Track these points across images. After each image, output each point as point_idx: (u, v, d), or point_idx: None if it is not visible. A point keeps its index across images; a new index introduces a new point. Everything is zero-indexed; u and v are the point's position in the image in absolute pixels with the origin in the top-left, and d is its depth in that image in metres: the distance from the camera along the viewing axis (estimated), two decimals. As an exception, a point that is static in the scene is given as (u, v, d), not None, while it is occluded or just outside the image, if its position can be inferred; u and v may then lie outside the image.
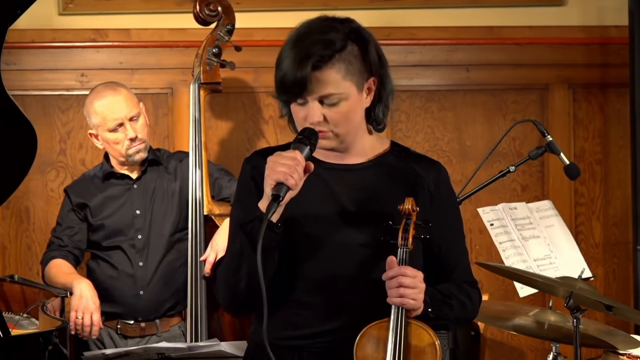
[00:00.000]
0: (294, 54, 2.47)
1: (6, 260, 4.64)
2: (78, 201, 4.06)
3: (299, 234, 2.49)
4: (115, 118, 3.96)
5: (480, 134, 4.79)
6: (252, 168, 2.58)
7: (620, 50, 4.71)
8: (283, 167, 2.37)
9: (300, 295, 2.51)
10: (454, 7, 4.76)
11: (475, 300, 2.64)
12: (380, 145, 2.62)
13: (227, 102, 4.68)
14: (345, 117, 2.49)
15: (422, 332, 2.43)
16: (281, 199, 2.35)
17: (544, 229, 3.99)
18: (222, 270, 2.53)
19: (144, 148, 4.02)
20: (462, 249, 2.67)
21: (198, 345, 3.41)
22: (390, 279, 2.41)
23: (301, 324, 2.50)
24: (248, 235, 2.40)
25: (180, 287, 4.03)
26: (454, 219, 2.65)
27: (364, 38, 2.56)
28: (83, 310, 3.79)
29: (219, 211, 4.04)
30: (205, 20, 4.19)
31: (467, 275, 2.65)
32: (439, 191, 2.59)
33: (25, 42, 4.57)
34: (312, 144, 2.45)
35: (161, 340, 3.87)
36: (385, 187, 2.55)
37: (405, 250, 2.43)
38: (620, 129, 4.81)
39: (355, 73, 2.50)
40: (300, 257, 2.50)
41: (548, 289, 3.55)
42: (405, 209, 2.44)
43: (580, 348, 3.32)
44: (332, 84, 2.46)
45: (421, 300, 2.43)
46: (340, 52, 2.48)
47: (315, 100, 2.47)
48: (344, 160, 2.58)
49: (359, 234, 2.50)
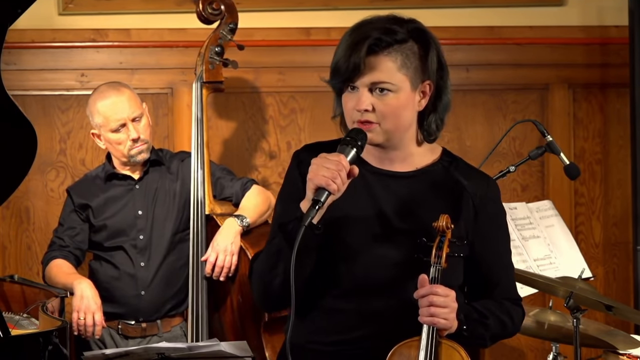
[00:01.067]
0: (351, 39, 2.43)
1: (6, 260, 4.64)
2: (80, 202, 4.06)
3: (336, 238, 2.45)
4: (117, 119, 3.96)
5: (480, 134, 4.79)
6: (300, 163, 2.52)
7: (620, 50, 4.71)
8: (326, 172, 2.31)
9: (332, 301, 2.48)
10: (454, 7, 4.76)
11: (517, 318, 2.59)
12: (430, 154, 2.56)
13: (227, 102, 4.68)
14: (394, 111, 2.43)
15: (454, 352, 2.39)
16: (321, 204, 2.31)
17: (544, 229, 3.99)
18: (258, 265, 2.50)
19: (146, 149, 4.02)
20: (506, 265, 2.60)
21: (198, 345, 3.41)
22: (422, 297, 2.37)
23: (330, 330, 2.48)
24: (287, 236, 2.37)
25: (181, 287, 4.03)
26: (499, 235, 2.58)
27: (427, 39, 2.51)
28: (85, 310, 3.79)
29: (221, 211, 4.04)
30: (208, 19, 4.18)
31: (509, 292, 2.60)
32: (484, 207, 2.52)
33: (25, 42, 4.57)
34: (360, 146, 2.39)
35: (162, 341, 3.86)
36: (428, 199, 2.49)
37: (438, 269, 2.38)
38: (620, 129, 4.81)
39: (412, 69, 2.44)
40: (335, 262, 2.46)
41: (548, 289, 3.55)
42: (440, 226, 2.39)
43: (580, 348, 3.32)
44: (385, 72, 2.41)
45: (453, 319, 2.38)
46: (400, 44, 2.43)
47: (366, 88, 2.42)
48: (391, 167, 2.52)
49: (395, 247, 2.45)
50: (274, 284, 2.43)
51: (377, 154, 2.52)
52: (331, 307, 2.48)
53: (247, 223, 3.93)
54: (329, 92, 2.66)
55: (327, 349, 2.48)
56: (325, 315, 2.49)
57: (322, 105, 4.60)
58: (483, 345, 2.54)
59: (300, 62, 4.69)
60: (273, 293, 2.45)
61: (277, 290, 2.43)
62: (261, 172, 4.70)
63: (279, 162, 4.71)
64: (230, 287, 3.97)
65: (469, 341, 2.45)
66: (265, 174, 4.69)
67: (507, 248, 2.61)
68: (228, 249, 3.89)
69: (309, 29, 4.65)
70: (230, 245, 3.90)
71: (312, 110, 4.72)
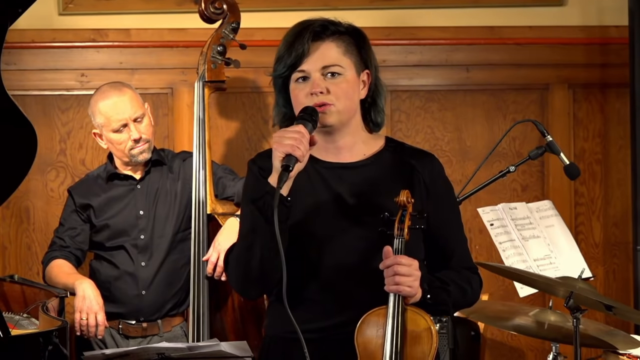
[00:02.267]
0: (293, 32, 2.62)
1: (6, 260, 4.64)
2: (81, 202, 4.06)
3: (303, 232, 2.57)
4: (119, 119, 3.96)
5: (480, 134, 4.79)
6: (259, 169, 2.64)
7: (620, 50, 4.71)
8: (290, 140, 2.46)
9: (308, 291, 2.59)
10: (454, 7, 4.76)
11: (476, 285, 2.73)
12: (375, 143, 2.72)
13: (227, 102, 4.68)
14: (346, 92, 2.60)
15: (419, 317, 2.53)
16: (291, 169, 2.44)
17: (544, 229, 3.98)
18: (233, 254, 2.62)
19: (147, 149, 4.02)
20: (461, 236, 2.75)
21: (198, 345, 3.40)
22: (387, 267, 2.50)
23: (310, 319, 2.56)
24: (260, 210, 2.49)
25: (182, 287, 4.02)
26: (451, 208, 2.74)
27: (363, 35, 2.69)
28: (87, 310, 3.79)
29: (222, 210, 4.03)
30: (210, 18, 4.18)
31: (467, 262, 2.74)
32: (434, 183, 2.69)
33: (25, 42, 4.57)
34: (314, 121, 2.54)
35: (163, 341, 3.86)
36: (383, 182, 2.64)
37: (401, 240, 2.52)
38: (620, 129, 4.81)
39: (354, 56, 2.63)
40: (306, 254, 2.57)
41: (548, 289, 3.55)
42: (401, 200, 2.53)
43: (580, 348, 3.32)
44: (334, 57, 2.60)
45: (417, 287, 2.52)
46: (340, 35, 2.64)
47: (318, 72, 2.58)
48: (342, 158, 2.66)
49: (359, 229, 2.59)
50: (252, 265, 2.54)
51: (325, 145, 2.66)
52: (309, 296, 2.59)
53: (248, 223, 3.93)
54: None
55: (310, 337, 2.53)
56: (303, 305, 2.58)
57: (322, 105, 4.60)
58: (446, 312, 2.69)
59: (300, 62, 4.68)
60: (253, 274, 2.56)
61: (256, 271, 2.54)
62: (261, 172, 4.69)
63: (279, 162, 4.71)
64: (232, 287, 3.96)
65: (433, 308, 2.60)
66: (265, 174, 4.69)
67: (458, 220, 2.77)
68: None
69: (309, 29, 4.65)
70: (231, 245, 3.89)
71: (312, 110, 4.71)
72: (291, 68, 2.60)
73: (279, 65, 2.62)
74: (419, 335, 2.51)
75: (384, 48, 4.64)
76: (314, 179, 2.62)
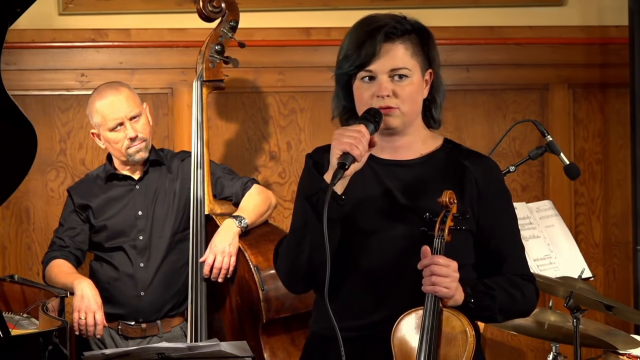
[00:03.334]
0: (364, 29, 2.57)
1: (6, 260, 4.64)
2: (80, 202, 4.06)
3: (351, 227, 2.55)
4: (115, 117, 3.96)
5: (480, 134, 4.79)
6: (315, 163, 2.62)
7: (620, 50, 4.71)
8: (349, 139, 2.44)
9: (348, 287, 2.57)
10: (454, 7, 4.76)
11: (529, 293, 2.64)
12: (433, 142, 2.69)
13: (227, 102, 4.67)
14: (412, 96, 2.58)
15: (454, 319, 2.49)
16: (347, 167, 2.43)
17: (544, 229, 3.99)
18: (283, 247, 2.61)
19: (144, 147, 4.02)
20: (515, 241, 2.69)
21: (198, 345, 3.41)
22: (424, 267, 2.47)
23: (349, 316, 2.55)
24: (313, 207, 2.48)
25: (181, 287, 4.02)
26: (505, 212, 2.67)
27: (428, 33, 2.67)
28: (85, 310, 3.79)
29: (221, 210, 4.03)
30: (209, 16, 4.17)
31: (520, 268, 2.67)
32: (487, 185, 2.63)
33: (25, 42, 4.57)
34: (377, 122, 2.52)
35: (162, 341, 3.86)
36: (434, 182, 2.60)
37: (441, 241, 2.49)
38: (620, 129, 4.81)
39: (421, 56, 2.61)
40: (351, 249, 2.56)
41: (548, 289, 3.55)
42: (443, 201, 2.50)
43: (580, 348, 3.32)
44: (402, 59, 2.57)
45: (454, 288, 2.47)
46: (409, 34, 2.60)
47: (385, 74, 2.56)
48: (397, 156, 2.65)
49: (404, 226, 2.56)
50: (301, 260, 2.53)
51: (383, 143, 2.63)
52: (348, 293, 2.57)
53: (245, 224, 3.93)
54: (329, 92, 2.69)
55: (352, 335, 2.53)
56: (342, 301, 2.57)
57: (322, 105, 4.60)
58: (493, 319, 2.61)
59: (300, 62, 4.69)
60: (301, 269, 2.55)
61: (304, 266, 2.53)
62: (261, 172, 4.70)
63: (279, 162, 4.71)
64: (229, 288, 3.96)
65: (477, 314, 2.54)
66: (266, 174, 4.69)
67: (513, 225, 2.69)
68: (226, 250, 3.89)
69: (309, 29, 4.65)
70: (228, 246, 3.89)
71: (312, 110, 4.72)
72: (359, 67, 2.57)
73: (345, 62, 2.58)
74: (454, 337, 2.48)
75: (384, 48, 4.63)
76: (366, 174, 2.58)
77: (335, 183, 2.43)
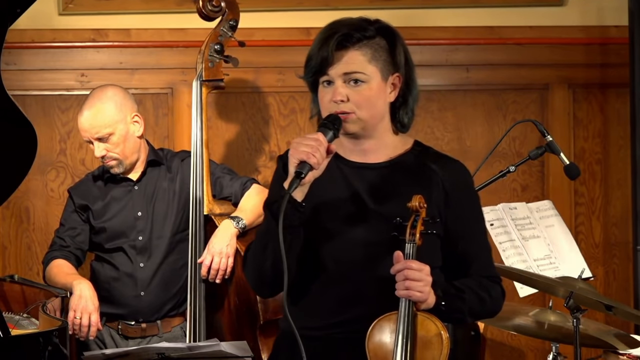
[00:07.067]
0: (322, 35, 2.62)
1: (6, 260, 4.64)
2: (81, 203, 4.06)
3: (318, 228, 2.59)
4: (84, 135, 4.00)
5: (480, 134, 4.79)
6: (285, 165, 2.63)
7: (620, 50, 4.71)
8: (306, 147, 2.49)
9: (318, 287, 2.60)
10: (454, 7, 4.76)
11: (496, 295, 2.69)
12: (402, 145, 2.72)
13: (227, 102, 4.68)
14: (368, 100, 2.59)
15: (429, 322, 2.52)
16: (303, 176, 2.47)
17: (544, 229, 3.99)
18: (251, 253, 2.64)
19: (116, 165, 3.99)
20: (482, 244, 2.72)
21: (198, 345, 3.41)
22: (397, 272, 2.50)
23: (318, 315, 2.58)
24: (273, 214, 2.51)
25: (181, 287, 4.01)
26: (472, 215, 2.70)
27: (394, 36, 2.69)
28: (82, 310, 3.79)
29: (220, 210, 4.03)
30: (209, 15, 4.17)
31: (487, 270, 2.70)
32: (454, 188, 2.65)
33: (25, 42, 4.57)
34: (336, 129, 2.56)
35: (162, 341, 3.86)
36: (402, 185, 2.63)
37: (413, 246, 2.52)
38: (620, 129, 4.81)
39: (381, 61, 2.62)
40: (318, 250, 2.59)
41: (548, 289, 3.55)
42: (413, 205, 2.53)
43: (580, 348, 3.32)
44: (357, 64, 2.59)
45: (427, 292, 2.51)
46: (369, 39, 2.61)
47: (340, 79, 2.58)
48: (365, 159, 2.67)
49: (373, 231, 2.59)
50: (266, 266, 2.56)
51: (351, 146, 2.67)
52: (318, 293, 2.60)
53: (243, 225, 3.92)
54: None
55: (319, 334, 2.56)
56: (313, 301, 2.60)
57: (322, 105, 4.59)
58: (463, 320, 2.67)
59: (300, 62, 4.61)
60: (266, 275, 2.58)
61: (269, 272, 2.56)
62: (261, 172, 4.70)
63: (279, 162, 4.71)
64: (228, 289, 3.96)
65: (447, 316, 2.58)
66: (266, 174, 4.69)
67: (481, 227, 2.74)
68: (223, 251, 3.88)
69: (309, 29, 4.65)
70: (225, 247, 3.89)
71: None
72: (315, 73, 2.61)
73: (307, 67, 2.64)
74: (429, 340, 2.51)
75: (384, 48, 4.63)
76: (335, 176, 2.63)
77: (290, 192, 2.46)
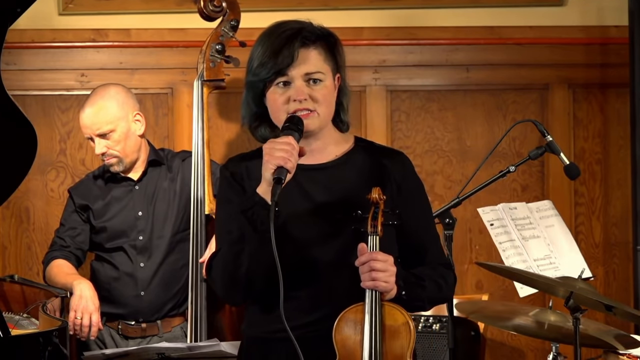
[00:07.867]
0: (280, 35, 2.64)
1: (6, 260, 4.64)
2: (81, 203, 4.06)
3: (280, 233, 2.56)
4: (85, 132, 4.01)
5: (480, 134, 4.79)
6: (232, 174, 2.69)
7: (620, 50, 4.71)
8: (281, 152, 2.50)
9: (288, 289, 2.56)
10: (454, 7, 4.76)
11: (450, 281, 2.77)
12: (345, 143, 2.76)
13: (227, 102, 4.67)
14: (326, 98, 2.65)
15: (396, 312, 2.57)
16: (283, 182, 2.48)
17: (544, 229, 3.98)
18: (218, 261, 2.63)
19: (116, 162, 4.00)
20: (433, 233, 2.80)
21: (198, 345, 3.41)
22: (362, 264, 2.55)
23: (289, 317, 2.55)
24: (249, 220, 2.53)
25: (182, 287, 4.02)
26: (423, 206, 2.79)
27: (335, 39, 2.73)
28: (82, 310, 3.79)
29: (220, 211, 4.02)
30: (210, 15, 4.17)
31: (440, 258, 2.79)
32: (405, 180, 2.73)
33: (25, 42, 4.58)
34: (300, 130, 2.58)
35: (162, 341, 3.86)
36: (355, 182, 2.68)
37: (375, 237, 2.56)
38: (620, 129, 4.81)
39: (331, 61, 2.67)
40: (282, 254, 2.55)
41: (548, 289, 3.55)
42: (373, 197, 2.58)
43: (580, 348, 3.32)
44: (316, 63, 2.64)
45: (393, 282, 2.57)
46: (321, 40, 2.67)
47: (301, 79, 2.62)
48: (313, 160, 2.70)
49: (333, 227, 2.63)
50: (239, 273, 2.58)
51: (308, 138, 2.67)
52: (288, 295, 2.57)
53: (244, 224, 3.92)
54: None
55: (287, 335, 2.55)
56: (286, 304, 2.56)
57: (322, 105, 4.60)
58: (423, 308, 2.72)
59: (300, 62, 4.68)
60: (239, 281, 2.60)
61: (243, 279, 2.58)
62: (261, 172, 4.69)
63: (279, 162, 4.70)
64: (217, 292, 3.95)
65: (408, 304, 2.63)
66: (265, 174, 4.68)
67: (430, 217, 2.83)
68: None
69: (309, 29, 4.65)
70: None
71: (312, 110, 4.71)
72: (277, 74, 2.62)
73: (262, 69, 2.64)
74: (397, 330, 2.56)
75: (384, 48, 4.63)
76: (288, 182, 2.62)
77: (276, 199, 2.46)
